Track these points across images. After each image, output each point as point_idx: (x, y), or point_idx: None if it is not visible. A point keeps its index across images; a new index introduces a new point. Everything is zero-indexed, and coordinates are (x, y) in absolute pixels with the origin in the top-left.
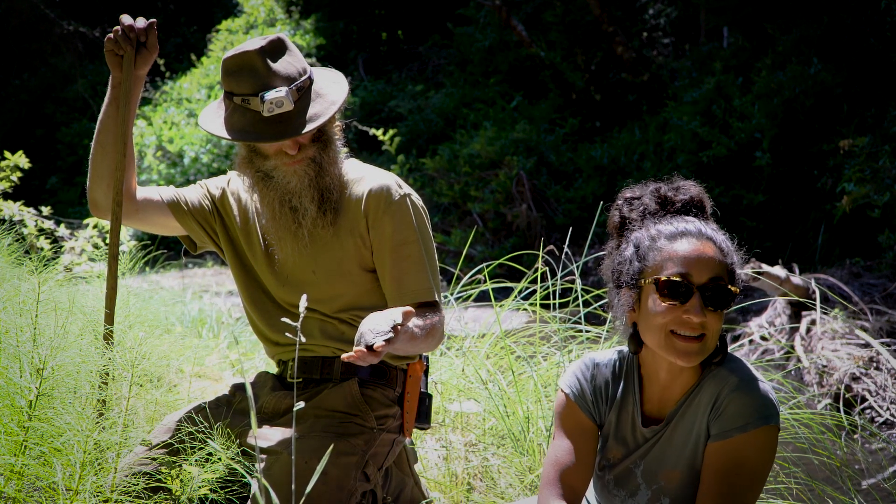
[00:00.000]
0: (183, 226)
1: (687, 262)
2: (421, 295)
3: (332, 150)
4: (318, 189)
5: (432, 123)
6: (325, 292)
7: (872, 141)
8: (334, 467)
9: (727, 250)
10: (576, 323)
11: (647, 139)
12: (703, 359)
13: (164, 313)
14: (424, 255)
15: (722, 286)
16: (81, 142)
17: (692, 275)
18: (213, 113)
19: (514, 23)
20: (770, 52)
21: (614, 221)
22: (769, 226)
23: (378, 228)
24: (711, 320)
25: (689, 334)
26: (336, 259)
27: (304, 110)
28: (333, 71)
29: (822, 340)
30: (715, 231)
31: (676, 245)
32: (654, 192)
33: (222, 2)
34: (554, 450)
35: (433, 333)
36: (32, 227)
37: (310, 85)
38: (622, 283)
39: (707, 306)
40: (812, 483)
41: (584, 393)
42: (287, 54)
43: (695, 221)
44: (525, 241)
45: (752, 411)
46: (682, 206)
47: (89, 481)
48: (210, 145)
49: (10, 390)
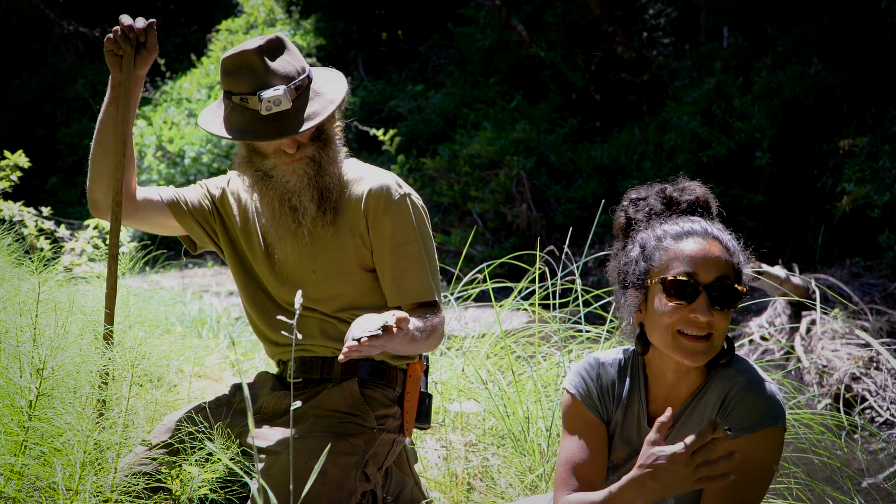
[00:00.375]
0: (183, 226)
1: (693, 262)
2: (421, 295)
3: (332, 149)
4: (317, 188)
5: (432, 123)
6: (325, 292)
7: (872, 141)
8: (334, 467)
9: (733, 249)
10: (576, 323)
11: (647, 139)
12: (710, 358)
13: (164, 313)
14: (424, 254)
15: (728, 285)
16: (81, 142)
17: (699, 274)
18: (213, 113)
19: (514, 23)
20: (770, 52)
21: (620, 222)
22: (769, 226)
23: (378, 228)
24: (718, 319)
25: (697, 334)
26: (336, 259)
27: (303, 109)
28: (333, 70)
29: (822, 340)
30: (721, 230)
31: (682, 245)
32: (660, 193)
33: (222, 2)
34: (564, 450)
35: (433, 334)
36: (32, 227)
37: (308, 84)
38: (628, 284)
39: (714, 305)
40: (812, 483)
41: (590, 392)
42: (286, 53)
43: (700, 221)
44: (525, 241)
45: (760, 412)
46: (688, 207)
47: (89, 481)
48: (210, 145)
49: (10, 390)
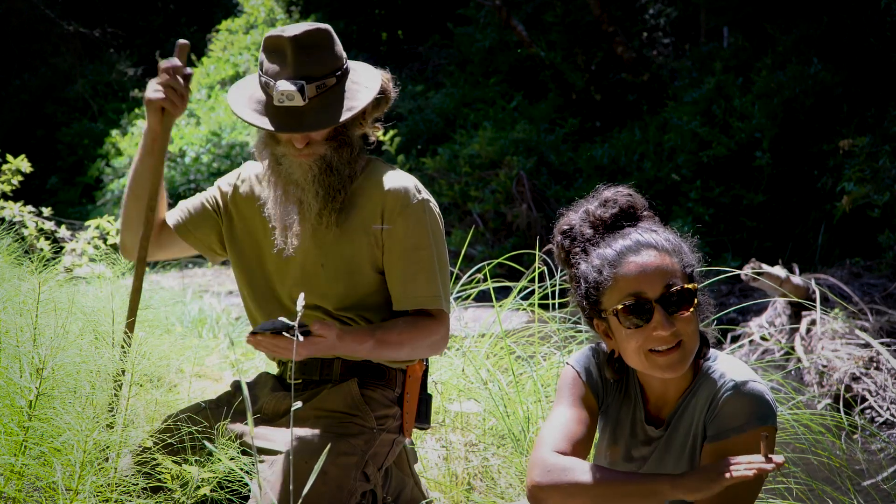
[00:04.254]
0: (194, 246)
1: (636, 282)
2: (426, 302)
3: (347, 152)
4: (322, 186)
5: (432, 123)
6: (332, 287)
7: (872, 141)
8: (334, 467)
9: (673, 249)
10: (575, 323)
11: (647, 139)
12: (690, 362)
13: (164, 313)
14: (436, 262)
15: (678, 290)
16: (81, 142)
17: (645, 291)
18: (245, 84)
19: (514, 23)
20: (770, 52)
21: (561, 257)
22: (769, 226)
23: (392, 229)
24: (682, 325)
25: (666, 347)
26: (347, 255)
27: (320, 109)
28: (372, 72)
29: (822, 340)
30: (655, 234)
31: (620, 268)
32: (584, 217)
33: (222, 2)
34: (558, 415)
35: (420, 340)
36: (32, 227)
37: (336, 84)
38: (590, 316)
39: (672, 315)
40: (812, 483)
41: (591, 374)
42: (322, 49)
43: (632, 233)
44: (525, 241)
45: (749, 412)
46: (614, 221)
47: (89, 481)
48: (210, 145)
49: (10, 390)
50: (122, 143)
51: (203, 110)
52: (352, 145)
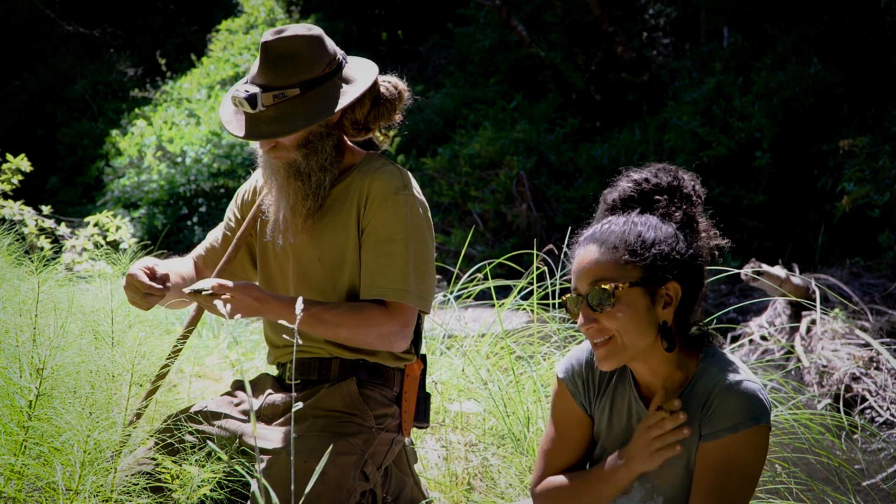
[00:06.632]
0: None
1: (574, 276)
2: (389, 294)
3: (320, 159)
4: (291, 189)
5: (432, 123)
6: (329, 282)
7: (872, 141)
8: (333, 467)
9: (616, 244)
10: (575, 322)
11: (647, 139)
12: (626, 357)
13: (165, 313)
14: (410, 256)
15: (598, 289)
16: (81, 142)
17: (578, 287)
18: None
19: (514, 23)
20: (770, 52)
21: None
22: (769, 226)
23: (368, 219)
24: (606, 320)
25: (595, 341)
26: (340, 248)
27: (274, 119)
28: (358, 88)
29: (822, 340)
30: (616, 226)
31: (572, 262)
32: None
33: (222, 2)
34: (543, 437)
35: (360, 326)
36: (33, 226)
37: (297, 96)
38: None
39: (594, 311)
40: (811, 483)
41: (576, 375)
42: (294, 59)
43: (601, 224)
44: (525, 240)
45: (743, 412)
46: (610, 209)
47: (89, 481)
48: (210, 146)
49: (10, 390)
50: (122, 143)
51: (203, 110)
52: (324, 151)
